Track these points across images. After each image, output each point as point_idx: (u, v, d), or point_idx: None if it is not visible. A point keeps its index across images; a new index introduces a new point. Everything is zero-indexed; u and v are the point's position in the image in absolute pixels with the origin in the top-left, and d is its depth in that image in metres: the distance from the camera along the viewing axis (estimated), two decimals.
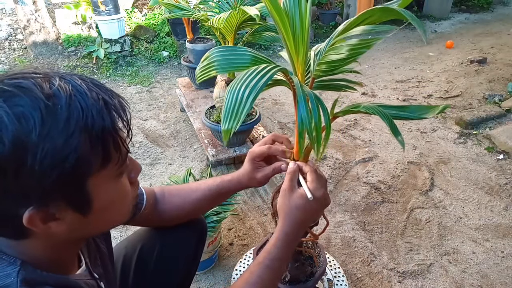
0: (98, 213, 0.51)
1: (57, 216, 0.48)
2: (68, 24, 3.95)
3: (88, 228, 0.54)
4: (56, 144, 0.43)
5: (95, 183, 0.48)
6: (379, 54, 3.98)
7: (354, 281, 1.47)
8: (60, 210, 0.47)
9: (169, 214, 0.87)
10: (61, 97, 0.45)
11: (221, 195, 0.88)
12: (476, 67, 3.45)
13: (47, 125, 0.43)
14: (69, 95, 0.45)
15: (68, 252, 0.58)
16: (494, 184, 1.99)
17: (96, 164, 0.47)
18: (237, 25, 1.73)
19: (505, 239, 1.66)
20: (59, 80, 0.46)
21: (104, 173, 0.49)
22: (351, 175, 2.09)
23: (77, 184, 0.47)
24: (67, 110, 0.44)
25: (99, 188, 0.49)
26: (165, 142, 2.45)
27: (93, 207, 0.50)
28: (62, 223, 0.49)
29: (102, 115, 0.47)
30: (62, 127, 0.43)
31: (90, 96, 0.47)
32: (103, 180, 0.49)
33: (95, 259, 0.68)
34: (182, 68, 3.63)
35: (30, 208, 0.45)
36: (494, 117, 2.54)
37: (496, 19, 5.19)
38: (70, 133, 0.44)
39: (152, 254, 0.91)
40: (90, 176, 0.47)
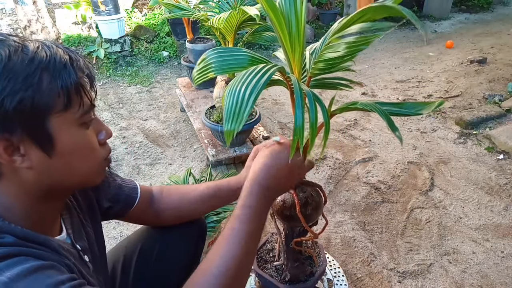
0: (63, 156, 0.54)
1: (21, 151, 0.51)
2: (68, 24, 3.95)
3: (55, 174, 0.55)
4: (18, 77, 0.48)
5: (56, 123, 0.52)
6: (379, 54, 3.98)
7: (354, 281, 1.47)
8: (24, 144, 0.50)
9: (166, 213, 0.87)
10: (29, 46, 0.51)
11: (219, 197, 0.87)
12: (476, 67, 3.45)
13: (12, 61, 0.48)
14: (37, 46, 0.52)
15: (43, 210, 0.58)
16: (494, 184, 1.99)
17: (56, 104, 0.51)
18: (237, 25, 1.73)
19: (505, 239, 1.66)
20: (31, 37, 0.55)
21: (65, 116, 0.52)
22: (351, 175, 2.09)
23: (37, 118, 0.50)
24: (33, 53, 0.50)
25: (61, 128, 0.52)
26: (165, 142, 2.45)
27: (56, 147, 0.53)
28: (27, 159, 0.51)
29: (64, 64, 0.52)
30: (25, 65, 0.49)
31: (56, 49, 0.53)
32: (64, 122, 0.53)
33: (79, 232, 0.68)
34: (182, 68, 3.63)
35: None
36: (494, 117, 2.54)
37: (496, 19, 5.19)
38: (32, 70, 0.49)
39: (152, 254, 0.91)
40: (50, 114, 0.51)
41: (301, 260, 1.07)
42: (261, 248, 1.15)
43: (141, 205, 0.83)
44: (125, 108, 2.91)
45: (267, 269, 1.09)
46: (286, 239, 1.00)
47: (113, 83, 3.38)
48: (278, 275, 1.07)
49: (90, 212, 0.75)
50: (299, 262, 1.05)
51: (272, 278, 1.05)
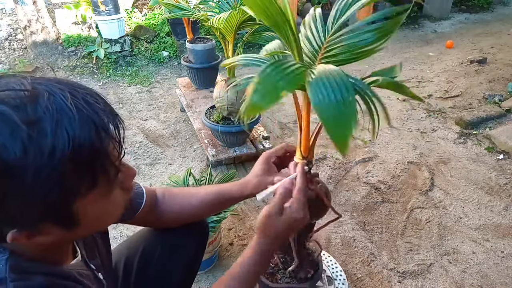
0: (86, 226, 0.51)
1: (43, 232, 0.48)
2: (68, 24, 3.95)
3: (76, 237, 0.55)
4: (40, 175, 0.41)
5: (82, 205, 0.47)
6: (379, 54, 3.98)
7: (354, 281, 1.47)
8: (46, 228, 0.47)
9: (168, 216, 0.87)
10: (46, 122, 0.42)
11: (221, 202, 0.87)
12: (476, 67, 3.45)
13: (30, 155, 0.40)
14: (56, 121, 0.42)
15: (59, 249, 0.58)
16: (494, 184, 1.99)
17: (82, 190, 0.46)
18: (237, 25, 1.73)
19: (505, 239, 1.66)
20: (46, 100, 0.43)
21: (91, 195, 0.48)
22: (351, 175, 2.09)
23: (63, 209, 0.46)
24: (52, 140, 0.41)
25: (86, 208, 0.48)
26: (165, 142, 2.45)
27: (81, 223, 0.49)
28: (48, 237, 0.48)
29: (91, 141, 0.44)
30: (46, 160, 0.41)
31: (79, 120, 0.44)
32: (90, 201, 0.48)
33: (92, 250, 0.68)
34: (182, 68, 3.63)
35: (14, 231, 0.45)
36: (494, 117, 2.54)
37: (496, 19, 5.19)
38: (54, 165, 0.42)
39: (154, 255, 0.91)
40: (76, 200, 0.47)
41: (310, 253, 1.08)
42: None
43: (145, 209, 0.82)
44: (125, 108, 2.91)
45: (279, 279, 1.08)
46: (297, 238, 1.01)
47: (113, 83, 3.38)
48: (293, 278, 1.07)
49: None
50: (310, 256, 1.07)
51: (290, 284, 1.06)
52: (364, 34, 0.70)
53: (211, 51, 2.74)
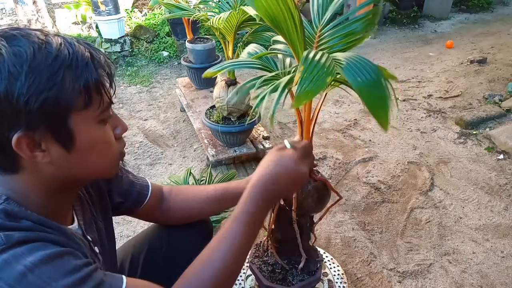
0: (81, 152, 0.55)
1: (42, 147, 0.52)
2: (68, 24, 3.95)
3: (73, 168, 0.57)
4: (42, 76, 0.49)
5: (77, 120, 0.53)
6: (379, 54, 3.98)
7: (354, 281, 1.47)
8: (45, 140, 0.52)
9: (174, 212, 0.88)
10: (53, 43, 0.52)
11: (226, 200, 0.88)
12: (476, 67, 3.45)
13: (37, 59, 0.49)
14: (60, 43, 0.52)
15: (57, 200, 0.60)
16: (494, 184, 1.99)
17: (78, 102, 0.52)
18: (237, 25, 1.73)
19: (505, 239, 1.66)
20: (53, 35, 0.54)
21: (86, 114, 0.54)
22: (351, 175, 2.09)
23: (60, 117, 0.52)
24: (56, 52, 0.51)
25: (81, 126, 0.54)
26: (165, 142, 2.45)
27: (76, 143, 0.54)
28: (47, 155, 0.53)
29: (86, 62, 0.53)
30: (50, 63, 0.50)
31: (78, 47, 0.54)
32: (85, 119, 0.54)
33: (90, 224, 0.70)
34: (182, 68, 3.63)
35: (19, 131, 0.50)
36: (494, 117, 2.54)
37: (496, 19, 5.19)
38: (56, 69, 0.50)
39: (159, 253, 0.92)
40: (72, 112, 0.52)
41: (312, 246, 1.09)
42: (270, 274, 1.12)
43: (151, 203, 0.84)
44: (125, 108, 2.91)
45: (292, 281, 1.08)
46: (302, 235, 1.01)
47: None
48: (306, 274, 1.07)
49: (101, 206, 0.76)
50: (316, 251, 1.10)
51: (304, 281, 1.06)
52: (354, 24, 0.77)
53: (211, 51, 2.74)
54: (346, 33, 0.78)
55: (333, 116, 2.72)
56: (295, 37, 0.69)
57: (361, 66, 0.61)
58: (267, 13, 0.67)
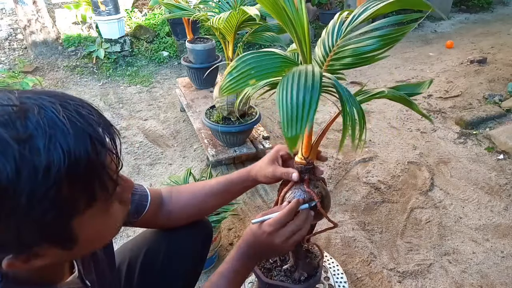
0: (84, 244, 0.48)
1: (40, 254, 0.45)
2: (68, 24, 3.95)
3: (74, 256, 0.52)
4: (35, 196, 0.39)
5: (80, 222, 0.45)
6: None
7: (354, 281, 1.47)
8: (43, 249, 0.44)
9: (178, 213, 0.87)
10: (38, 139, 0.39)
11: (230, 190, 0.88)
12: (476, 67, 3.45)
13: (23, 176, 0.38)
14: (49, 136, 0.39)
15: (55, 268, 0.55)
16: (494, 184, 1.99)
17: (81, 206, 0.44)
18: (237, 25, 1.73)
19: (505, 239, 1.66)
20: (37, 115, 0.40)
21: (89, 211, 0.45)
22: (351, 175, 2.09)
23: (60, 228, 0.43)
24: (46, 157, 0.39)
25: (84, 225, 0.46)
26: (165, 142, 2.45)
27: (79, 242, 0.47)
28: (45, 259, 0.46)
29: (87, 156, 0.42)
30: (41, 178, 0.39)
31: (73, 133, 0.41)
32: (89, 217, 0.46)
33: (88, 265, 0.65)
34: (182, 68, 3.63)
35: (9, 257, 0.42)
36: (494, 117, 2.54)
37: (496, 19, 5.18)
38: (50, 184, 0.39)
39: (158, 256, 0.90)
40: (74, 218, 0.44)
41: (309, 256, 1.09)
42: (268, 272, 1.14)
43: (150, 212, 0.81)
44: (125, 108, 2.91)
45: (274, 276, 1.09)
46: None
47: (113, 83, 3.38)
48: (288, 278, 1.07)
49: None
50: (309, 258, 1.07)
51: (284, 283, 1.06)
52: (368, 40, 0.72)
53: (211, 51, 2.74)
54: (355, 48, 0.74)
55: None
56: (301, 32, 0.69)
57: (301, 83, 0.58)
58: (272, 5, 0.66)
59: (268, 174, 0.83)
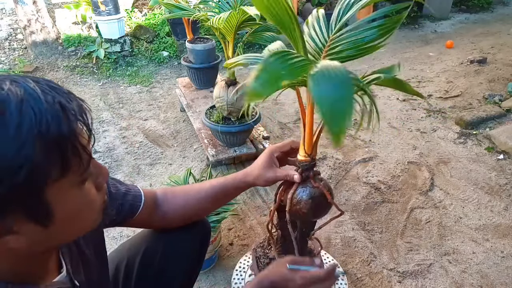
0: (61, 223, 0.47)
1: (14, 229, 0.44)
2: (68, 24, 3.95)
3: (52, 240, 0.49)
4: (7, 154, 0.39)
5: (54, 193, 0.44)
6: (379, 54, 3.98)
7: (354, 281, 1.47)
8: (18, 223, 0.43)
9: (172, 215, 0.86)
10: (10, 102, 0.40)
11: (225, 194, 0.88)
12: (476, 67, 3.45)
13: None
14: (20, 99, 0.41)
15: (37, 262, 0.53)
16: (494, 184, 1.99)
17: (54, 173, 0.43)
18: (237, 25, 1.73)
19: (505, 239, 1.66)
20: (9, 84, 0.42)
21: (63, 182, 0.45)
22: (351, 175, 2.09)
23: (34, 194, 0.43)
24: (18, 116, 0.40)
25: (59, 197, 0.45)
26: (165, 142, 2.45)
27: (55, 217, 0.46)
28: (21, 237, 0.44)
29: (58, 120, 0.42)
30: (13, 136, 0.39)
31: (44, 99, 0.42)
32: (63, 188, 0.45)
33: (77, 265, 0.63)
34: (182, 68, 3.63)
35: None
36: (494, 117, 2.54)
37: (496, 19, 5.19)
38: (21, 141, 0.40)
39: (155, 256, 0.90)
40: (48, 185, 0.43)
41: (310, 252, 1.09)
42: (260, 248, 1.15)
43: (145, 211, 0.81)
44: (125, 108, 2.91)
45: None
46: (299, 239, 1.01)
47: (113, 83, 3.38)
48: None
49: (93, 237, 0.70)
50: (311, 254, 1.09)
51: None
52: (367, 31, 0.74)
53: (211, 51, 2.74)
54: (355, 40, 0.75)
55: None
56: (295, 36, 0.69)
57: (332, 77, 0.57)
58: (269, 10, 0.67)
59: (269, 179, 0.84)
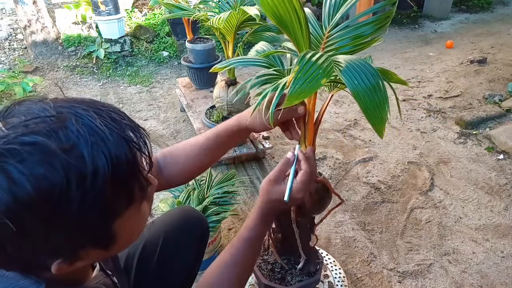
0: (120, 243, 0.51)
1: (82, 256, 0.47)
2: (68, 24, 3.95)
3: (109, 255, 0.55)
4: (85, 201, 0.41)
5: (120, 223, 0.48)
6: (379, 54, 3.97)
7: (354, 281, 1.47)
8: (85, 251, 0.47)
9: (176, 175, 0.87)
10: (82, 147, 0.41)
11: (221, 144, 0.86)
12: (476, 67, 3.45)
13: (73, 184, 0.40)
14: (91, 144, 0.41)
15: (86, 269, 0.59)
16: (494, 184, 1.99)
17: (121, 208, 0.47)
18: (237, 25, 1.73)
19: (505, 239, 1.66)
20: (75, 123, 0.42)
21: (128, 212, 0.48)
22: (351, 175, 2.09)
23: (104, 229, 0.46)
24: (91, 164, 0.41)
25: (124, 225, 0.48)
26: (165, 142, 2.45)
27: (117, 241, 0.50)
28: (86, 260, 0.49)
29: (127, 159, 0.44)
30: (90, 185, 0.41)
31: (112, 140, 0.43)
32: (126, 217, 0.48)
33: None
34: (182, 68, 3.63)
35: (59, 260, 0.45)
36: (494, 117, 2.54)
37: (496, 19, 5.19)
38: (98, 189, 0.41)
39: (154, 254, 0.91)
40: (116, 219, 0.47)
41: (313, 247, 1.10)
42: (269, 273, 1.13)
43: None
44: (125, 108, 2.91)
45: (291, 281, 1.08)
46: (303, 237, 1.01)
47: (113, 83, 3.38)
48: (305, 275, 1.08)
49: None
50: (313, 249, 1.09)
51: (303, 282, 1.06)
52: (363, 27, 0.76)
53: (211, 51, 2.74)
54: (354, 35, 0.77)
55: (333, 116, 2.72)
56: (300, 36, 0.69)
57: (360, 70, 0.60)
58: (273, 12, 0.67)
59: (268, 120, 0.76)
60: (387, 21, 0.74)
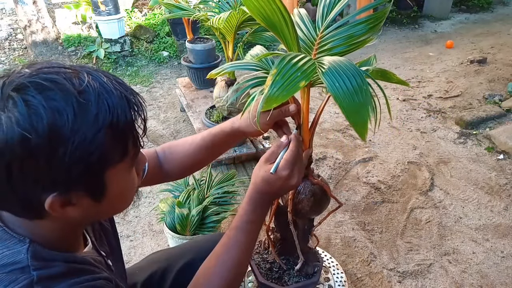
0: (109, 200, 0.55)
1: (74, 202, 0.51)
2: (68, 24, 3.95)
3: (98, 214, 0.58)
4: (86, 138, 0.46)
5: (111, 174, 0.52)
6: (379, 54, 3.98)
7: (354, 281, 1.47)
8: (77, 196, 0.51)
9: (173, 170, 0.90)
10: (90, 93, 0.48)
11: (217, 144, 0.87)
12: (476, 67, 3.45)
13: (79, 120, 0.46)
14: (98, 92, 0.48)
15: (74, 233, 0.61)
16: (494, 184, 1.99)
17: (116, 157, 0.51)
18: (237, 25, 1.73)
19: (505, 239, 1.66)
20: (87, 76, 0.49)
21: (120, 165, 0.53)
22: (351, 175, 2.09)
23: (98, 175, 0.51)
24: (96, 107, 0.47)
25: (114, 178, 0.53)
26: (165, 142, 2.44)
27: (107, 195, 0.54)
28: (77, 208, 0.52)
29: (125, 113, 0.50)
30: (92, 123, 0.47)
31: (116, 94, 0.50)
32: (118, 171, 0.53)
33: (100, 237, 0.71)
34: (182, 68, 3.63)
35: (54, 194, 0.48)
36: (494, 117, 2.54)
37: (496, 19, 5.19)
38: (98, 128, 0.47)
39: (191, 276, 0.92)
40: (109, 168, 0.51)
41: (312, 248, 1.09)
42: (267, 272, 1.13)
43: (150, 172, 0.84)
44: None
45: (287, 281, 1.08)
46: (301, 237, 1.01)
47: None
48: (302, 276, 1.08)
49: None
50: (312, 250, 1.09)
51: (300, 283, 1.06)
52: (357, 26, 0.75)
53: (211, 51, 2.74)
54: (347, 35, 0.76)
55: (333, 116, 2.72)
56: (289, 37, 0.69)
57: (343, 72, 0.59)
58: (260, 13, 0.66)
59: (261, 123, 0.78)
60: (380, 21, 0.73)
